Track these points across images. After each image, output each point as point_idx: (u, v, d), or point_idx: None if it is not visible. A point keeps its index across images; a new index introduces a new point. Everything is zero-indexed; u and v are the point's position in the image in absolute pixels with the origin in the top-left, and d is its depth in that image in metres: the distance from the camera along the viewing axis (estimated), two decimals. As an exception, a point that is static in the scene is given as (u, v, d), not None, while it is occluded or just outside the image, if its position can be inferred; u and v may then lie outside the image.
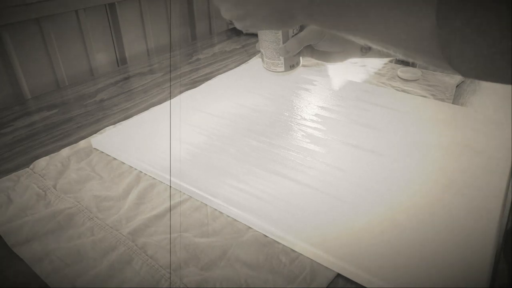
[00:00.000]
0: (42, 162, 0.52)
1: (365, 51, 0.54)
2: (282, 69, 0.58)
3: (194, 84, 0.77)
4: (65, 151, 0.54)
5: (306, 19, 0.40)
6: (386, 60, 0.84)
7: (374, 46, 0.35)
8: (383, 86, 0.74)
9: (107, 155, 0.54)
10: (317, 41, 0.56)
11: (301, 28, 0.56)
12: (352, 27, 0.35)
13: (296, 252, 0.38)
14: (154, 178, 0.49)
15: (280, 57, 0.56)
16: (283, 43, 0.55)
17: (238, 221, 0.42)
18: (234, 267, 0.37)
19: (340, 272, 0.36)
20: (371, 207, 0.42)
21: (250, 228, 0.41)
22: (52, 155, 0.54)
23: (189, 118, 0.61)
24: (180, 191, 0.47)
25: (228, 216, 0.43)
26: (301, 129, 0.58)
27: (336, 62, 0.59)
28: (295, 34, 0.55)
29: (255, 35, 1.08)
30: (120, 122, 0.63)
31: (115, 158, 0.53)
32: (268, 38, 0.57)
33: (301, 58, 0.58)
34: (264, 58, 0.59)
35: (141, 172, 0.50)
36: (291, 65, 0.57)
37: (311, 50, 0.58)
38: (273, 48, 0.56)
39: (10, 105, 0.70)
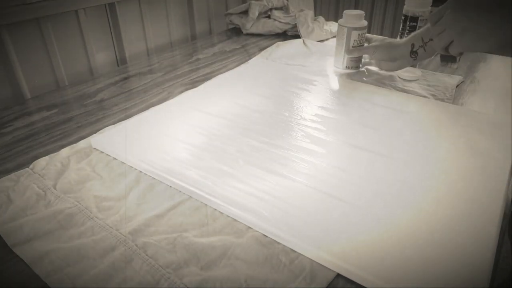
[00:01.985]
0: (42, 162, 0.52)
1: (414, 57, 0.67)
2: (340, 66, 0.82)
3: (194, 84, 0.77)
4: (65, 151, 0.54)
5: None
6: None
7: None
8: (383, 86, 0.74)
9: (107, 155, 0.54)
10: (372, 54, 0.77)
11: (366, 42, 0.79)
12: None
13: (296, 252, 0.38)
14: (154, 178, 0.49)
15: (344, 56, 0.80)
16: (345, 48, 0.78)
17: (238, 221, 0.42)
18: (234, 267, 0.37)
19: (340, 272, 0.36)
20: (371, 207, 0.42)
21: (250, 228, 0.41)
22: (52, 155, 0.54)
23: (189, 118, 0.61)
24: (180, 191, 0.47)
25: (228, 216, 0.43)
26: (301, 129, 0.58)
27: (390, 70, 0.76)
28: (357, 46, 0.78)
29: (255, 35, 1.08)
30: (120, 122, 0.63)
31: (115, 158, 0.53)
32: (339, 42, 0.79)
33: (360, 64, 0.81)
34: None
35: (141, 172, 0.50)
36: (347, 66, 0.80)
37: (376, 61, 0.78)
38: (341, 49, 0.80)
39: (9, 105, 0.70)
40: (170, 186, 0.48)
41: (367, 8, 1.63)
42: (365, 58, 0.82)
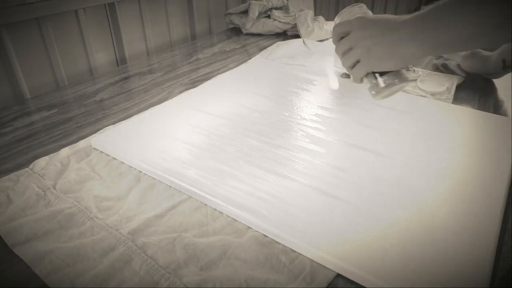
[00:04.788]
0: (41, 162, 0.52)
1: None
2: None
3: (194, 84, 0.77)
4: (64, 151, 0.54)
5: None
6: None
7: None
8: (383, 86, 0.73)
9: (107, 155, 0.54)
10: None
11: None
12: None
13: (296, 252, 0.38)
14: (153, 178, 0.49)
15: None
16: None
17: (238, 221, 0.42)
18: (234, 267, 0.37)
19: (340, 272, 0.36)
20: (371, 207, 0.42)
21: (250, 228, 0.41)
22: (51, 155, 0.54)
23: (189, 118, 0.61)
24: (180, 191, 0.47)
25: (228, 216, 0.43)
26: (301, 129, 0.58)
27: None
28: None
29: (255, 35, 1.08)
30: (120, 122, 0.62)
31: (114, 158, 0.53)
32: None
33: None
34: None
35: (141, 172, 0.50)
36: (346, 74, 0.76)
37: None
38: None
39: (9, 105, 0.70)
40: (170, 186, 0.48)
41: (367, 8, 1.63)
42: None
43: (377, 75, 0.52)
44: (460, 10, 0.42)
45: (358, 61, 0.52)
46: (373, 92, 0.54)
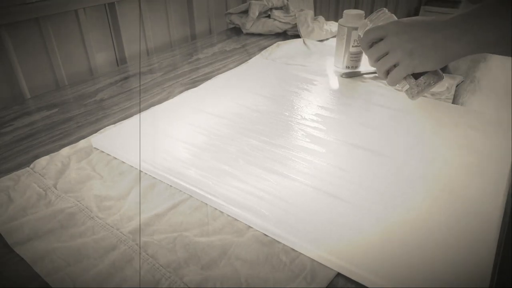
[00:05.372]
0: (42, 162, 0.52)
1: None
2: (340, 66, 0.81)
3: (194, 83, 0.77)
4: (65, 151, 0.54)
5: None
6: None
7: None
8: (383, 86, 0.74)
9: (107, 154, 0.54)
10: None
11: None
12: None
13: (296, 251, 0.38)
14: (154, 177, 0.49)
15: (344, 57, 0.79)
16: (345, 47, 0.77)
17: (238, 220, 0.42)
18: (234, 267, 0.37)
19: (340, 272, 0.36)
20: (371, 207, 0.43)
21: (250, 227, 0.41)
22: (52, 154, 0.54)
23: (189, 118, 0.61)
24: (180, 191, 0.47)
25: (228, 216, 0.43)
26: (301, 128, 0.58)
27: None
28: (358, 45, 0.76)
29: (255, 35, 1.08)
30: (120, 122, 0.63)
31: (115, 158, 0.53)
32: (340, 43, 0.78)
33: (359, 65, 0.79)
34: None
35: (141, 171, 0.50)
36: (347, 66, 0.79)
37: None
38: (341, 49, 0.79)
39: (9, 105, 0.70)
40: (171, 186, 0.48)
41: (367, 8, 1.63)
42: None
43: (419, 77, 0.55)
44: (506, 11, 0.44)
45: (394, 65, 0.54)
46: (413, 93, 0.57)
